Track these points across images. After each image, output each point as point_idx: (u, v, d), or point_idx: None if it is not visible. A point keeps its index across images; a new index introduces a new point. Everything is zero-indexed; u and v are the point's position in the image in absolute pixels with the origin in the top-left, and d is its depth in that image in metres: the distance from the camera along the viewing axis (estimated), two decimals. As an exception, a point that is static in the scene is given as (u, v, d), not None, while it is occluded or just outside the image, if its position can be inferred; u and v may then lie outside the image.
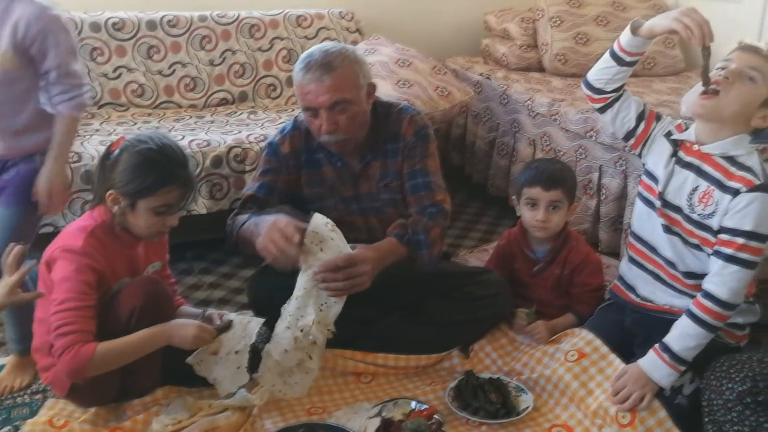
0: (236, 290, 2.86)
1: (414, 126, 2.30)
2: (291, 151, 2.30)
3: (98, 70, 3.25)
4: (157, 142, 1.92)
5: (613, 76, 2.07)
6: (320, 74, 2.10)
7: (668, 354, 1.88)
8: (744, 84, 1.86)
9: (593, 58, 3.74)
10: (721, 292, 1.86)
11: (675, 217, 2.01)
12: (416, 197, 2.27)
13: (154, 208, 1.90)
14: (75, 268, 1.83)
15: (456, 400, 2.04)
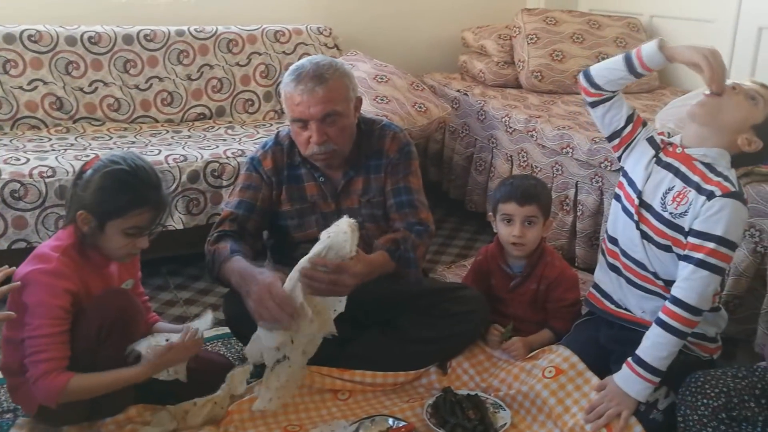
0: (212, 306, 2.82)
1: (397, 143, 2.32)
2: (273, 167, 2.30)
3: (74, 84, 3.23)
4: (130, 163, 1.89)
5: (617, 80, 2.08)
6: (312, 86, 2.12)
7: (641, 366, 1.89)
8: (746, 99, 1.91)
9: (569, 75, 3.82)
10: (689, 297, 1.87)
11: (646, 216, 2.02)
12: (401, 214, 2.28)
13: (124, 229, 1.87)
14: (49, 293, 1.80)
15: (434, 417, 2.03)
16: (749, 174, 2.41)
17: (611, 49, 3.92)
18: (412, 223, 2.28)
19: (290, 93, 2.16)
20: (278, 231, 2.39)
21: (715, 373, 1.83)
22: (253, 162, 2.33)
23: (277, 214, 2.34)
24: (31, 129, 3.13)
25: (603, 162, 2.90)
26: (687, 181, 1.95)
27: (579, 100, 3.71)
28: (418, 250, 2.23)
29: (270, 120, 3.57)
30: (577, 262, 3.00)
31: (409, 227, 2.26)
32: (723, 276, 1.93)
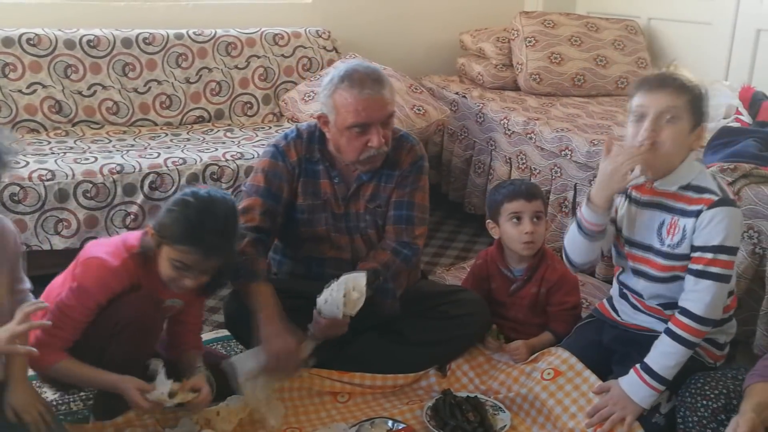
0: (212, 309, 2.83)
1: (412, 156, 2.31)
2: (296, 159, 2.26)
3: (73, 88, 3.23)
4: (204, 198, 1.86)
5: (585, 248, 2.09)
6: (378, 89, 2.10)
7: (649, 374, 1.88)
8: (670, 125, 1.88)
9: (568, 77, 3.83)
10: (697, 308, 1.87)
11: (645, 256, 2.02)
12: (396, 229, 2.27)
13: (171, 259, 1.85)
14: (97, 286, 1.85)
15: (433, 419, 2.03)
16: (748, 176, 2.41)
17: (609, 51, 3.93)
18: (403, 243, 2.26)
19: (352, 98, 2.09)
20: (287, 222, 2.34)
21: (715, 374, 1.83)
22: (278, 150, 2.26)
23: (290, 203, 2.30)
24: (30, 132, 3.13)
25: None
26: (673, 211, 1.96)
27: (577, 103, 3.72)
28: (399, 277, 2.26)
29: (269, 123, 3.57)
30: (575, 264, 3.00)
31: (398, 249, 2.25)
32: (728, 283, 1.92)
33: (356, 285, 2.03)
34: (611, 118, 3.40)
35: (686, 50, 3.94)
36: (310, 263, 2.32)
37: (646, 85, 1.92)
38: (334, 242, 2.31)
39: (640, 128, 1.89)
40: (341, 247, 2.31)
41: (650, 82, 1.91)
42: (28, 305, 1.65)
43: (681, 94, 1.88)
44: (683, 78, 1.91)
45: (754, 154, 2.53)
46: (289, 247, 2.36)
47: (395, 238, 2.27)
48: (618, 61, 3.93)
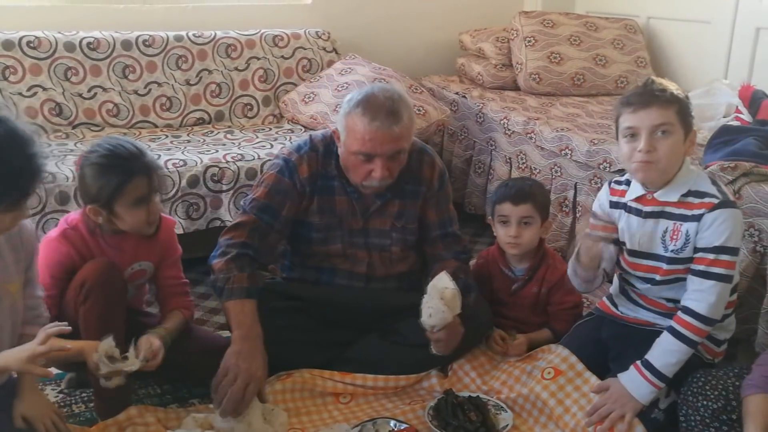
0: (213, 310, 2.84)
1: (438, 172, 2.32)
2: (308, 175, 2.21)
3: (73, 90, 3.23)
4: (105, 146, 1.98)
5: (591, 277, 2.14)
6: (390, 124, 2.05)
7: (650, 371, 1.89)
8: (664, 139, 1.89)
9: (567, 77, 3.83)
10: (699, 307, 1.89)
11: (650, 264, 2.04)
12: (445, 244, 2.34)
13: (130, 204, 1.95)
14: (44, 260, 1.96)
15: (435, 419, 2.03)
16: (748, 174, 2.42)
17: (609, 51, 3.93)
18: (458, 251, 2.34)
19: (360, 126, 2.06)
20: (298, 240, 2.33)
21: (717, 373, 1.83)
22: (289, 165, 2.22)
23: (302, 223, 2.27)
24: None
25: (602, 163, 2.90)
26: (674, 217, 1.98)
27: (577, 102, 3.72)
28: (470, 274, 2.32)
29: (269, 124, 3.57)
30: (576, 264, 3.00)
31: (456, 255, 2.32)
32: (731, 284, 1.94)
33: (444, 284, 2.04)
34: (611, 117, 3.38)
35: (686, 49, 3.95)
36: (320, 272, 2.32)
37: (632, 104, 1.92)
38: (350, 257, 2.29)
39: (634, 147, 1.91)
40: (358, 261, 2.30)
41: (636, 101, 1.92)
42: (51, 326, 1.67)
43: (669, 107, 1.90)
44: (667, 90, 1.92)
45: (754, 153, 2.54)
46: (299, 256, 2.36)
47: (449, 251, 2.33)
48: (618, 61, 3.93)
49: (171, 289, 2.20)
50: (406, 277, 2.23)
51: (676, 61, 4.02)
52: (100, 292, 1.93)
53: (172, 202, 2.76)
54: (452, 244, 2.34)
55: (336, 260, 2.29)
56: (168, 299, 2.19)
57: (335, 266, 2.24)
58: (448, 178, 2.38)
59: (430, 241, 2.35)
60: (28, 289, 1.84)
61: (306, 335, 2.17)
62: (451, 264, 2.26)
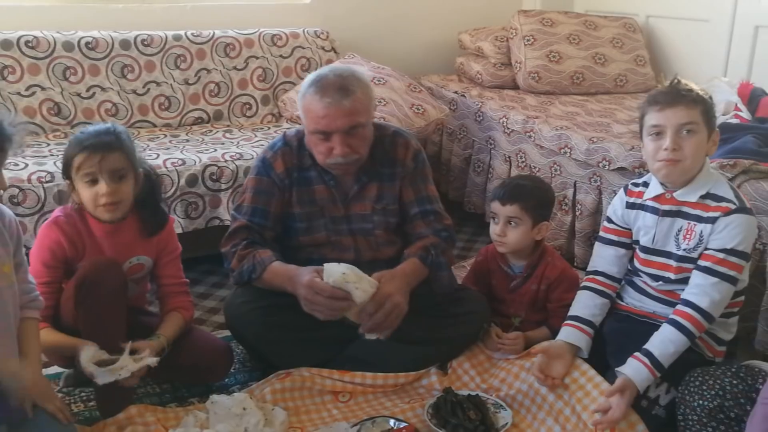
0: (212, 310, 2.84)
1: (411, 151, 2.33)
2: (284, 170, 2.27)
3: (71, 90, 3.22)
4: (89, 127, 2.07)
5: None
6: (339, 98, 2.09)
7: (648, 358, 1.90)
8: (689, 138, 1.93)
9: (566, 75, 3.83)
10: (700, 301, 1.91)
11: (663, 262, 2.07)
12: (426, 221, 2.32)
13: (82, 179, 1.99)
14: (37, 248, 2.01)
15: (435, 418, 2.03)
16: (747, 172, 2.42)
17: (608, 49, 3.93)
18: (438, 229, 2.32)
19: (313, 105, 2.12)
20: (285, 233, 2.36)
21: (715, 372, 1.83)
22: (264, 164, 2.29)
23: (287, 215, 2.32)
24: (29, 134, 3.12)
25: (601, 161, 2.90)
26: (689, 218, 2.01)
27: (576, 101, 3.72)
28: (447, 253, 2.30)
29: (268, 123, 3.57)
30: (576, 262, 3.01)
31: (437, 233, 2.31)
32: (734, 286, 1.95)
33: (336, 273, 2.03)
34: (610, 115, 3.40)
35: (685, 47, 3.95)
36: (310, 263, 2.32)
37: (659, 103, 1.96)
38: (336, 245, 2.31)
39: (659, 145, 1.95)
40: (344, 248, 2.31)
41: (663, 100, 1.95)
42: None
43: (695, 107, 1.93)
44: (693, 90, 1.95)
45: (753, 150, 2.54)
46: (289, 250, 2.36)
47: (429, 228, 2.31)
48: (617, 59, 3.93)
49: (171, 288, 2.20)
50: (394, 263, 2.22)
51: (675, 59, 4.02)
52: (100, 289, 1.93)
53: (171, 201, 2.76)
54: (433, 222, 2.33)
55: (324, 249, 2.31)
56: (167, 298, 2.19)
57: (324, 256, 2.26)
58: (425, 158, 2.39)
59: (410, 220, 2.35)
60: (20, 273, 1.84)
61: (304, 333, 2.16)
62: (427, 241, 2.27)
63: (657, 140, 1.96)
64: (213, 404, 2.01)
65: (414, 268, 2.19)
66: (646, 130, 2.00)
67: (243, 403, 2.01)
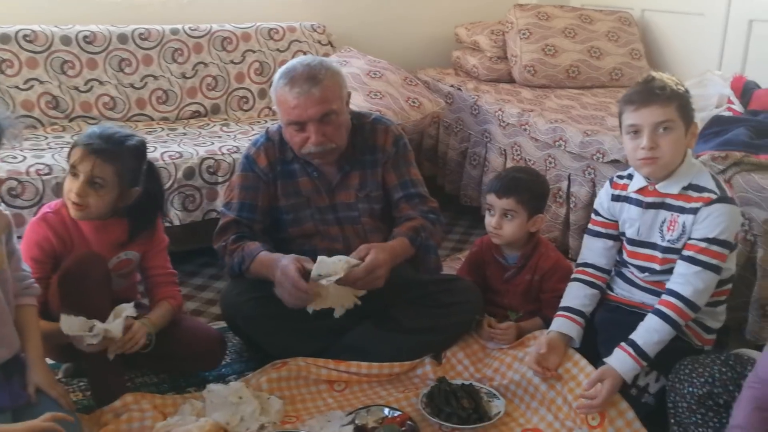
0: (210, 301, 2.86)
1: (391, 137, 2.36)
2: (267, 164, 2.31)
3: (69, 83, 3.24)
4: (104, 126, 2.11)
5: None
6: (308, 87, 2.13)
7: (632, 348, 1.92)
8: (666, 135, 1.94)
9: (562, 69, 3.85)
10: (684, 290, 1.94)
11: (648, 253, 2.09)
12: (411, 204, 2.35)
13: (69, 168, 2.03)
14: (25, 243, 2.03)
15: (429, 407, 2.06)
16: (739, 164, 2.44)
17: (603, 43, 3.95)
18: (424, 211, 2.35)
19: (284, 96, 2.17)
20: (275, 226, 2.40)
21: (704, 360, 1.85)
22: (248, 160, 2.34)
23: (274, 209, 2.36)
24: (27, 128, 3.14)
25: (595, 154, 2.92)
26: (672, 209, 2.03)
27: (572, 94, 3.74)
28: (435, 236, 2.34)
29: (265, 117, 3.59)
30: (570, 254, 3.03)
31: (423, 215, 2.34)
32: (718, 274, 1.97)
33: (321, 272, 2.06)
34: (605, 109, 3.42)
35: (679, 41, 3.97)
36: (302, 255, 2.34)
37: (633, 102, 1.97)
38: (324, 235, 2.34)
39: (638, 144, 1.96)
40: (332, 238, 2.34)
41: (637, 99, 1.96)
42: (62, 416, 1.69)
43: (669, 104, 1.94)
44: (667, 87, 1.95)
45: (745, 143, 2.56)
46: (281, 243, 2.39)
47: (416, 210, 2.34)
48: (612, 53, 3.95)
49: (158, 278, 2.23)
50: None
51: (670, 53, 4.04)
52: (81, 282, 1.95)
53: (169, 194, 2.78)
54: (418, 204, 2.36)
55: (314, 240, 2.34)
56: (155, 289, 2.22)
57: (314, 247, 2.29)
58: (406, 142, 2.41)
59: (395, 204, 2.38)
60: (13, 261, 1.86)
61: (300, 324, 2.19)
62: (416, 222, 2.30)
63: (635, 139, 1.97)
64: (210, 393, 2.03)
65: (403, 246, 2.22)
66: (624, 129, 2.01)
67: (239, 392, 2.03)
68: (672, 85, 1.96)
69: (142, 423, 1.92)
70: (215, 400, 2.01)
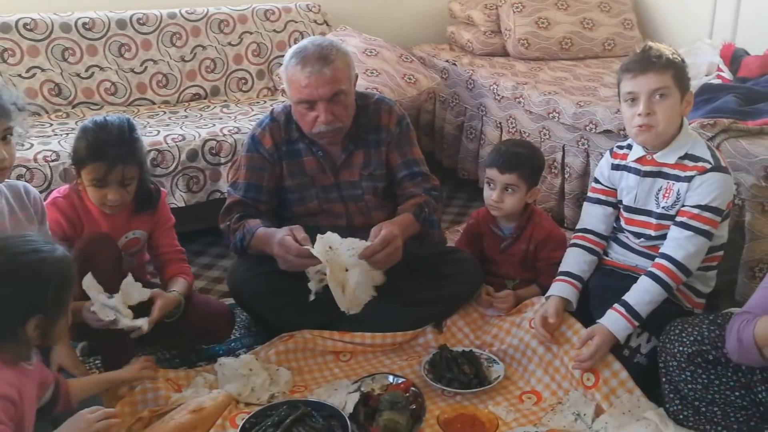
0: (216, 279, 2.93)
1: (395, 117, 2.42)
2: (272, 144, 2.36)
3: (71, 70, 3.29)
4: (99, 119, 2.10)
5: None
6: (320, 67, 2.18)
7: (625, 308, 2.01)
8: (662, 102, 2.02)
9: (555, 41, 3.89)
10: (675, 253, 2.02)
11: (643, 220, 2.17)
12: (415, 183, 2.42)
13: (89, 180, 2.07)
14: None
15: (431, 373, 2.14)
16: (728, 130, 2.50)
17: (595, 14, 3.99)
18: (427, 188, 2.42)
19: (296, 75, 2.21)
20: (280, 205, 2.47)
21: (693, 320, 1.93)
22: (254, 141, 2.39)
23: (280, 189, 2.42)
24: (31, 115, 3.19)
25: (588, 125, 2.98)
26: (669, 177, 2.11)
27: (565, 66, 3.79)
28: (437, 212, 2.42)
29: (264, 97, 3.64)
30: (566, 223, 3.10)
31: (426, 192, 2.41)
32: (709, 240, 2.05)
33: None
34: (598, 79, 3.47)
35: (671, 10, 4.00)
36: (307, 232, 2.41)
37: (631, 70, 2.04)
38: (329, 212, 2.41)
39: (635, 111, 2.04)
40: (336, 215, 2.41)
41: (635, 67, 2.04)
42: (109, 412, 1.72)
43: (665, 71, 2.01)
44: (663, 55, 2.03)
45: (733, 110, 2.62)
46: (286, 221, 2.45)
47: (419, 188, 2.41)
48: (604, 24, 3.99)
49: (168, 256, 2.30)
50: None
51: (662, 22, 4.07)
52: (95, 262, 2.00)
53: (173, 177, 2.85)
54: (421, 182, 2.43)
55: (318, 218, 2.41)
56: (166, 266, 2.29)
57: (318, 224, 2.36)
58: (408, 123, 2.48)
59: (399, 182, 2.44)
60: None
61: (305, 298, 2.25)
62: (419, 199, 2.36)
63: (632, 106, 2.05)
64: (221, 366, 2.12)
65: (409, 222, 2.28)
66: (621, 97, 2.10)
67: (249, 365, 2.12)
68: (668, 54, 2.03)
69: (156, 394, 2.00)
70: (227, 372, 2.09)
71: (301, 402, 1.96)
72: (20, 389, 1.50)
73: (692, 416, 1.89)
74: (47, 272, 1.51)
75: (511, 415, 2.00)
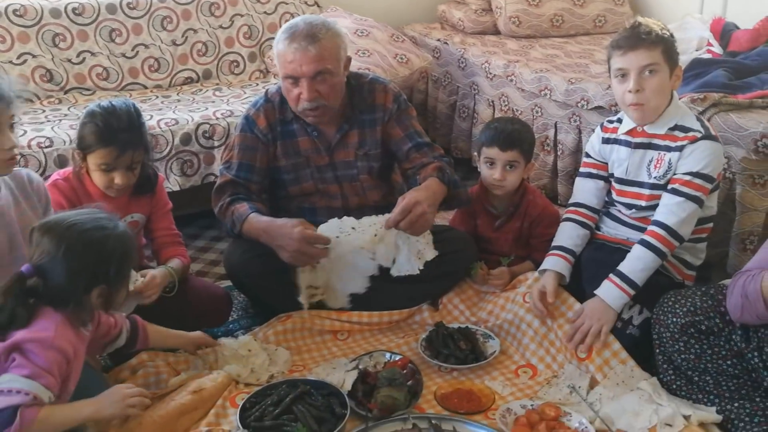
0: (213, 262, 2.95)
1: (391, 94, 2.42)
2: (267, 125, 2.37)
3: (62, 56, 3.29)
4: (106, 105, 2.12)
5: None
6: (306, 44, 2.19)
7: (619, 277, 2.05)
8: (652, 78, 2.04)
9: (546, 19, 3.89)
10: (667, 219, 2.06)
11: (635, 191, 2.20)
12: (422, 153, 2.41)
13: (97, 164, 2.09)
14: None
15: (428, 350, 2.17)
16: (718, 104, 2.52)
17: (586, -10, 3.99)
18: (436, 156, 2.42)
19: (283, 51, 2.23)
20: (275, 186, 2.48)
21: (686, 292, 1.96)
22: (248, 121, 2.40)
23: (274, 169, 2.43)
24: (24, 102, 3.19)
25: (580, 102, 3.00)
26: (659, 148, 2.13)
27: (556, 43, 3.79)
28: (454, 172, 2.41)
29: (256, 80, 3.64)
30: (559, 199, 3.13)
31: (439, 158, 2.41)
32: (700, 207, 2.08)
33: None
34: (589, 56, 3.48)
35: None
36: (302, 213, 2.43)
37: (621, 47, 2.07)
38: (324, 193, 2.42)
39: (625, 87, 2.06)
40: (331, 195, 2.43)
41: (625, 44, 2.06)
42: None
43: (655, 47, 2.04)
44: (652, 31, 2.04)
45: (723, 84, 2.64)
46: (280, 201, 2.48)
47: (429, 156, 2.40)
48: (595, 0, 3.98)
49: (165, 239, 2.32)
50: (381, 208, 2.32)
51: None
52: None
53: (167, 160, 2.86)
54: (428, 152, 2.42)
55: (313, 198, 2.43)
56: (164, 249, 2.31)
57: (314, 205, 2.38)
58: (405, 99, 2.49)
59: (405, 155, 2.43)
60: None
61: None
62: (436, 163, 2.35)
63: (623, 82, 2.08)
64: (220, 347, 2.14)
65: (435, 186, 2.25)
66: (612, 73, 2.12)
67: (248, 345, 2.14)
68: (657, 30, 2.05)
69: (157, 377, 2.03)
70: (226, 353, 2.12)
71: (300, 381, 1.99)
72: (76, 350, 1.65)
73: (685, 386, 1.93)
74: (111, 247, 1.65)
75: (508, 389, 2.04)
